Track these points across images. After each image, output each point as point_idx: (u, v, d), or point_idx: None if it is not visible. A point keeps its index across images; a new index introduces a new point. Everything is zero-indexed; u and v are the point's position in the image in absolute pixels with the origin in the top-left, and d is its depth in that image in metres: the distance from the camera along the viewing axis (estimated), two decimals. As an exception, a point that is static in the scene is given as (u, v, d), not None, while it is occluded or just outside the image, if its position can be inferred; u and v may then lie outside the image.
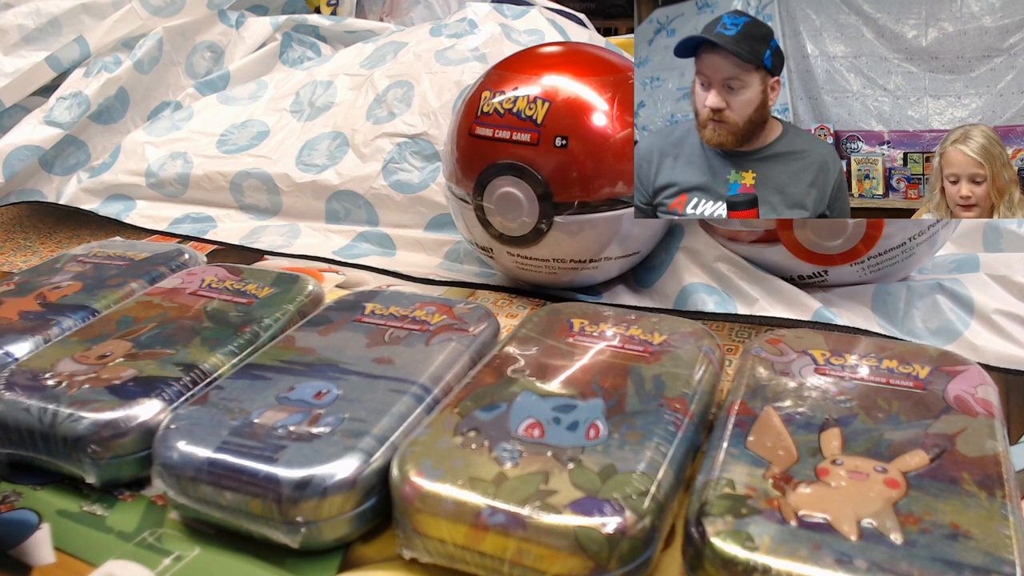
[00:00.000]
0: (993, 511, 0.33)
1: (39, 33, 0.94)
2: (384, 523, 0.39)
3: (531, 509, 0.34)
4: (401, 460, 0.37)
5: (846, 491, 0.35)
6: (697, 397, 0.42)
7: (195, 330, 0.50)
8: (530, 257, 0.60)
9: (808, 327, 0.55)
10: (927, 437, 0.38)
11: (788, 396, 0.41)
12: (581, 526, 0.33)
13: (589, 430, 0.38)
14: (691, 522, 0.34)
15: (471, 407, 0.41)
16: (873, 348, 0.45)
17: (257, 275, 0.58)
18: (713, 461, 0.37)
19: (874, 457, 0.37)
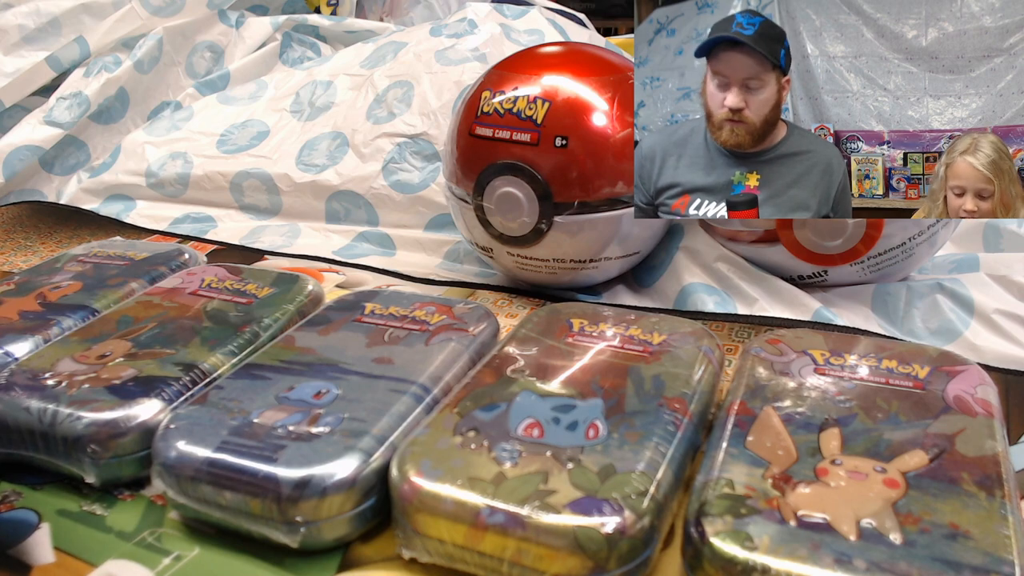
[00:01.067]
0: (992, 511, 0.33)
1: (39, 33, 0.94)
2: (383, 523, 0.39)
3: (530, 509, 0.34)
4: (400, 460, 0.37)
5: (845, 491, 0.35)
6: (696, 397, 0.42)
7: (195, 330, 0.50)
8: (530, 257, 0.60)
9: (808, 327, 0.55)
10: (926, 437, 0.38)
11: (788, 396, 0.41)
12: (580, 526, 0.33)
13: (588, 430, 0.38)
14: (690, 522, 0.34)
15: (470, 407, 0.41)
16: (873, 348, 0.45)
17: (257, 275, 0.58)
18: (712, 461, 0.37)
19: (873, 457, 0.37)
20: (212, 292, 0.55)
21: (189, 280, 0.57)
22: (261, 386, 0.43)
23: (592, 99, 0.58)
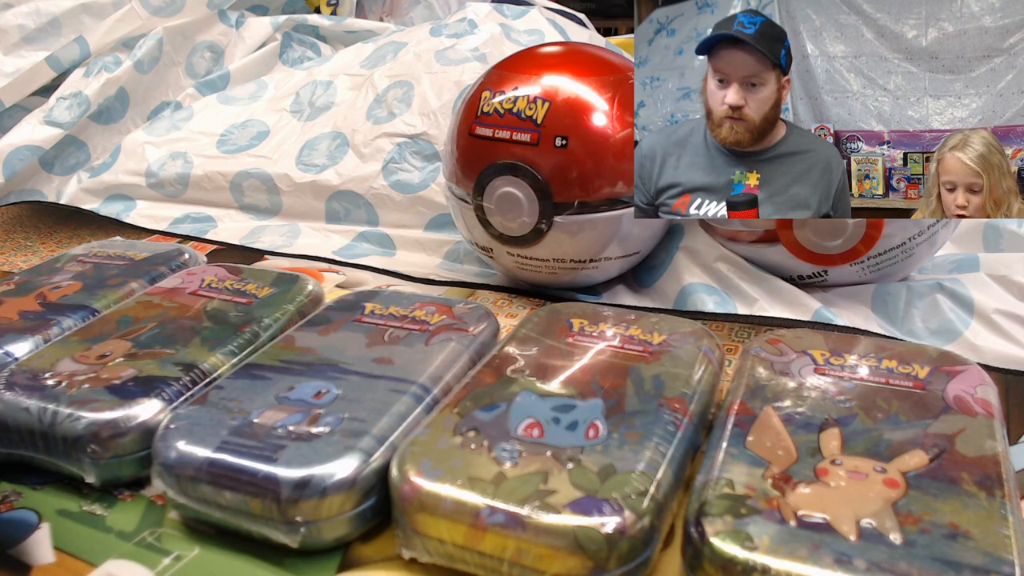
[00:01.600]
0: (992, 511, 0.33)
1: (39, 33, 0.94)
2: (384, 523, 0.39)
3: (530, 509, 0.34)
4: (400, 460, 0.37)
5: (845, 491, 0.35)
6: (696, 397, 0.42)
7: (195, 330, 0.50)
8: (530, 257, 0.60)
9: (808, 327, 0.55)
10: (926, 437, 0.38)
11: (788, 396, 0.41)
12: (580, 526, 0.33)
13: (588, 430, 0.38)
14: (690, 522, 0.34)
15: (470, 407, 0.41)
16: (873, 348, 0.45)
17: (257, 275, 0.58)
18: (712, 461, 0.37)
19: (873, 457, 0.37)
20: (212, 292, 0.55)
21: (189, 280, 0.57)
22: (261, 386, 0.43)
23: (592, 99, 0.58)
